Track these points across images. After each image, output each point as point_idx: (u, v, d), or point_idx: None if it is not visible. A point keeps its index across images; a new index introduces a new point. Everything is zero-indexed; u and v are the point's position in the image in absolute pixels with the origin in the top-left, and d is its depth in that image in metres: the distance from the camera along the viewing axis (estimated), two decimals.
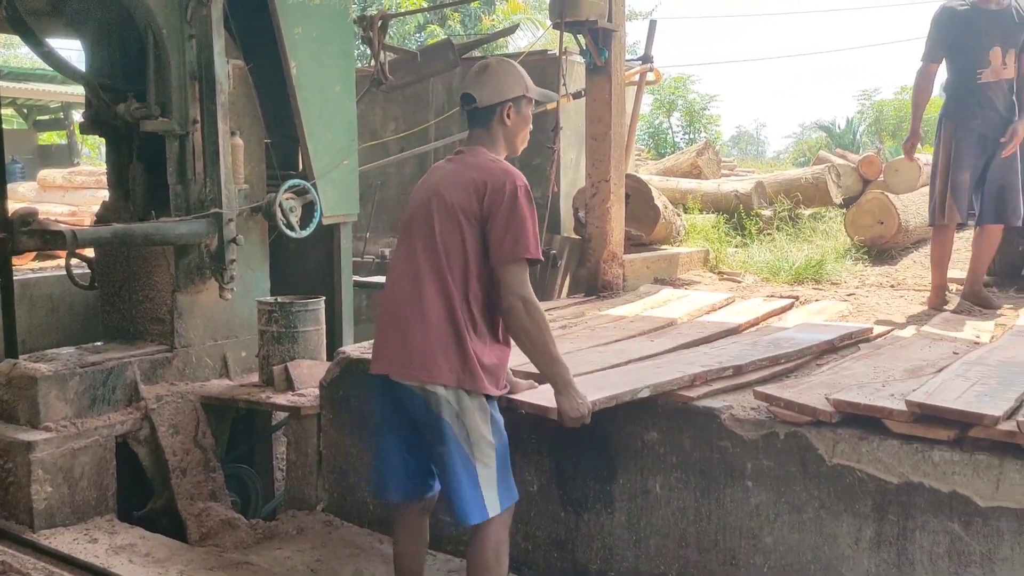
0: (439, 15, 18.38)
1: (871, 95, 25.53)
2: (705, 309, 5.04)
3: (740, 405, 3.14)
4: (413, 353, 2.63)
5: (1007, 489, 2.58)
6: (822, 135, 27.75)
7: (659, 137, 22.85)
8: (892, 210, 7.64)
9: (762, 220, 8.65)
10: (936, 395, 2.81)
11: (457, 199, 2.64)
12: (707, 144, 11.22)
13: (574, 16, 5.26)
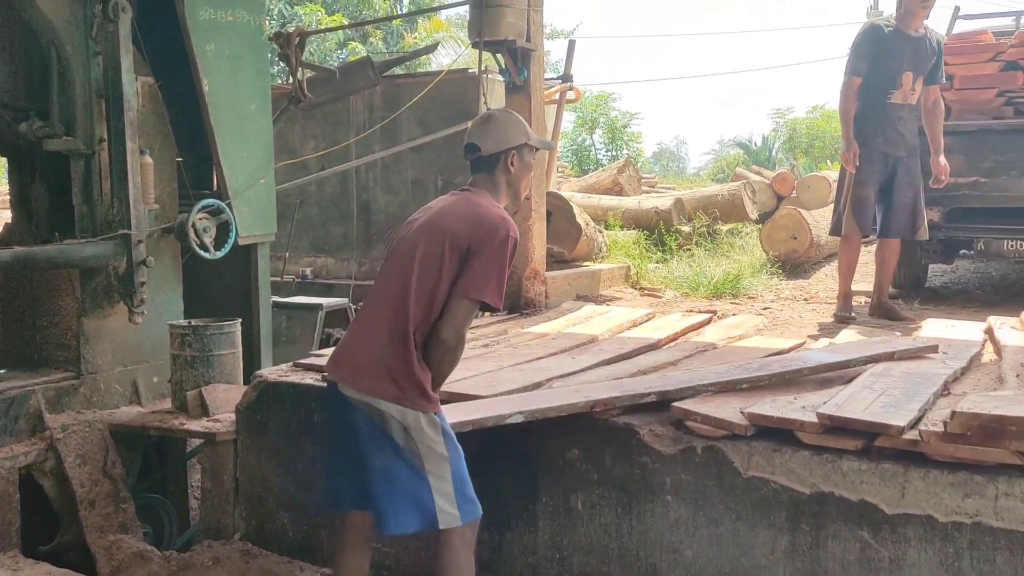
0: (361, 32, 18.28)
1: (785, 114, 26.33)
2: (626, 325, 5.10)
3: (659, 421, 3.17)
4: (363, 366, 2.70)
5: (912, 496, 2.66)
6: (740, 152, 28.47)
7: (582, 154, 23.11)
8: (804, 226, 7.89)
9: (682, 236, 8.82)
10: (845, 407, 2.89)
11: (450, 226, 2.71)
12: (628, 161, 11.40)
13: (493, 36, 5.29)
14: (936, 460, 2.66)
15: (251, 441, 3.99)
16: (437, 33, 17.33)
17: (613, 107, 23.67)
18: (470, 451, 3.38)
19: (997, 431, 2.57)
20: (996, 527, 2.55)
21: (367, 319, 2.81)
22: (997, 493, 2.56)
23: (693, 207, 9.33)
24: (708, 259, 8.17)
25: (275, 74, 13.32)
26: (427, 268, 2.69)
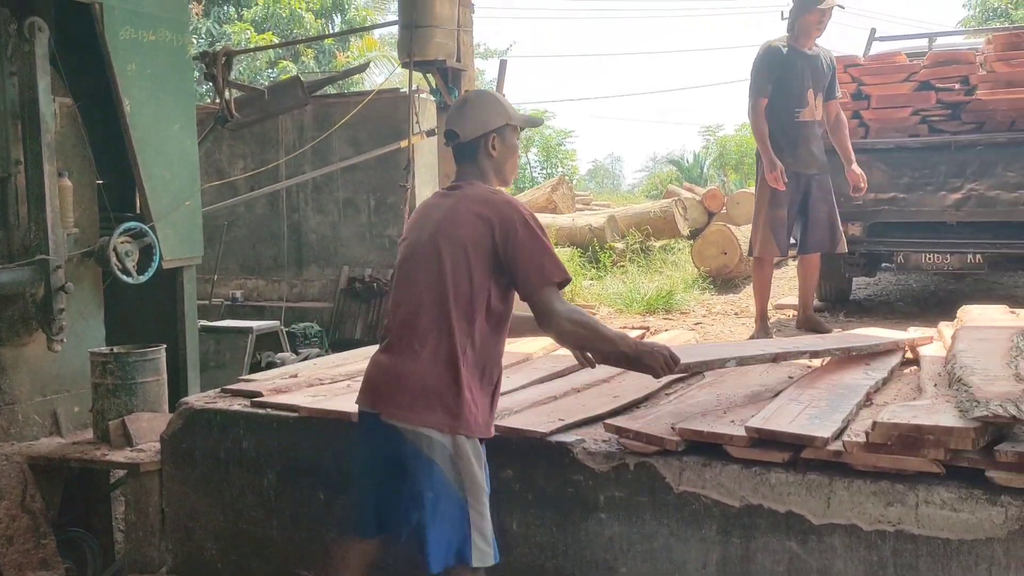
0: (292, 51, 18.11)
1: (715, 131, 26.92)
2: None
3: (592, 438, 3.18)
4: (407, 393, 2.55)
5: (837, 506, 2.71)
6: (673, 169, 28.98)
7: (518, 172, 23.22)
8: (734, 241, 8.05)
9: (615, 253, 8.93)
10: (772, 420, 2.94)
11: (467, 233, 2.55)
12: (561, 180, 11.51)
13: (423, 56, 5.30)
14: (859, 470, 2.72)
15: (177, 471, 3.87)
16: (370, 52, 17.29)
17: (548, 125, 23.89)
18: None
19: (916, 440, 2.64)
20: (917, 534, 2.61)
21: (402, 343, 2.60)
22: (917, 501, 2.62)
23: (626, 224, 9.46)
24: (641, 275, 8.29)
25: (203, 93, 13.10)
26: (459, 281, 2.53)
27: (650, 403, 3.63)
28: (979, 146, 5.67)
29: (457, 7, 5.41)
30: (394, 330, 2.64)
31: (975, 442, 2.56)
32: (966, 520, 2.56)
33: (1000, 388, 2.76)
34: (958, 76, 5.90)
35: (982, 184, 5.62)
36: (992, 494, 2.55)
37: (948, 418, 2.68)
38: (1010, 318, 4.44)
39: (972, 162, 5.67)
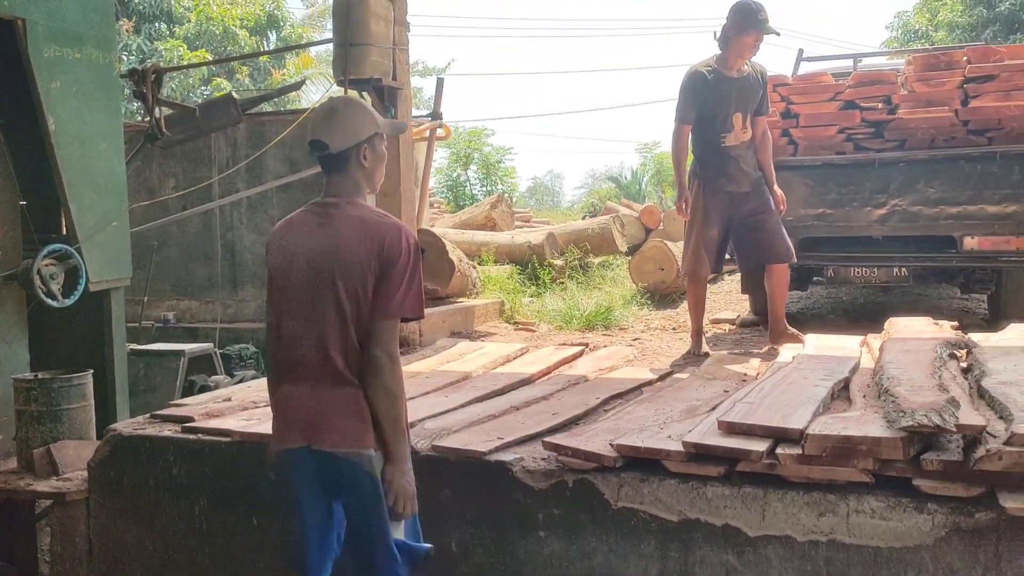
0: (226, 68, 17.86)
1: (652, 148, 27.33)
2: (500, 360, 5.11)
3: (531, 456, 3.18)
4: (343, 418, 2.51)
5: (772, 518, 2.75)
6: (612, 185, 29.33)
7: (458, 190, 23.25)
8: (671, 257, 8.15)
9: (555, 269, 8.96)
10: (708, 434, 2.97)
11: (359, 257, 2.51)
12: (500, 197, 11.53)
13: (358, 74, 5.26)
14: (793, 482, 2.77)
15: (105, 500, 3.75)
16: (307, 69, 17.15)
17: (487, 143, 23.97)
18: None
19: (847, 451, 2.70)
20: (849, 543, 2.67)
21: (317, 373, 2.53)
22: (848, 510, 2.68)
23: (565, 241, 9.52)
24: (581, 292, 8.33)
25: (134, 111, 12.83)
26: (356, 306, 2.51)
27: (589, 420, 3.65)
28: (901, 163, 5.86)
29: (392, 26, 5.39)
30: (301, 361, 2.55)
31: (904, 452, 2.63)
32: (895, 528, 2.62)
33: (925, 398, 2.84)
34: (881, 95, 6.09)
35: (905, 200, 5.80)
36: (919, 502, 2.62)
37: (877, 429, 2.75)
38: (934, 329, 4.58)
39: (895, 179, 5.85)
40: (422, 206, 7.47)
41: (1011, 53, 5.96)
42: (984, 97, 5.78)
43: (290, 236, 2.63)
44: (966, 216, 5.71)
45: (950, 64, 5.98)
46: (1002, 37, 18.79)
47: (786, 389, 3.45)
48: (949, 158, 5.73)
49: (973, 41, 17.77)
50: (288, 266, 2.59)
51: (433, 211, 15.18)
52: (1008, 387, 3.11)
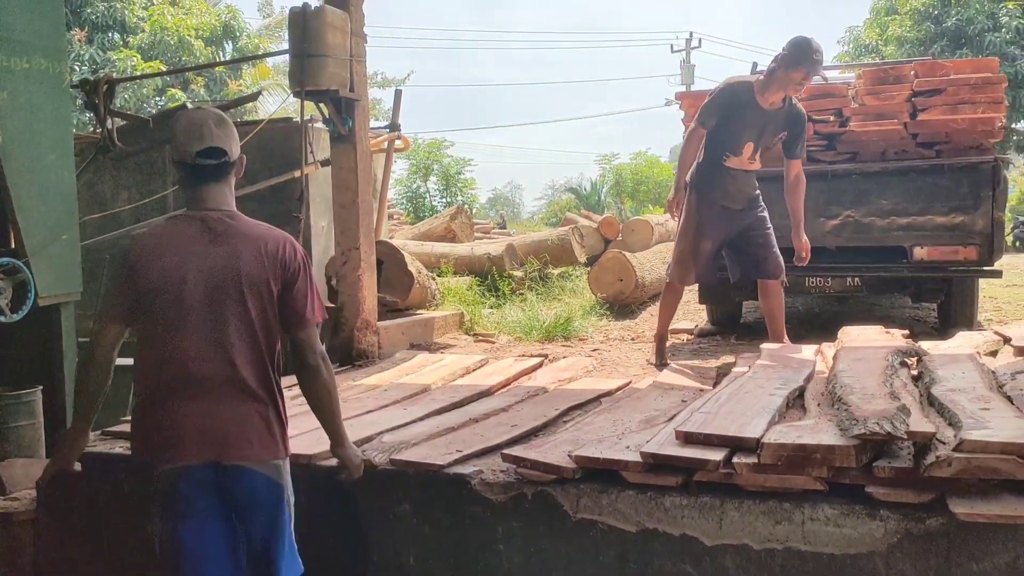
0: (182, 79, 17.63)
1: (611, 159, 27.55)
2: (460, 372, 5.09)
3: (490, 469, 3.17)
4: (254, 431, 2.50)
5: (729, 527, 2.77)
6: (571, 197, 29.49)
7: (417, 201, 23.21)
8: (630, 267, 8.21)
9: (515, 281, 8.97)
10: (666, 444, 2.99)
11: (261, 272, 2.51)
12: (459, 209, 11.52)
13: (315, 85, 5.22)
14: (749, 490, 2.79)
15: (53, 520, 3.65)
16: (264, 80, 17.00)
17: (446, 154, 23.99)
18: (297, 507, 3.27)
19: (801, 459, 2.73)
20: (804, 551, 2.70)
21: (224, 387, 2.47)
22: (803, 518, 2.70)
23: (525, 252, 9.54)
24: (540, 303, 8.35)
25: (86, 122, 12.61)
26: (262, 318, 2.50)
27: (548, 431, 3.65)
28: (854, 175, 5.98)
29: (349, 37, 5.36)
30: (201, 377, 2.47)
31: (857, 459, 2.67)
32: (848, 535, 2.66)
33: (876, 406, 2.88)
34: (833, 109, 6.21)
35: (857, 211, 5.91)
36: (872, 509, 2.65)
37: (831, 437, 2.79)
38: (886, 338, 4.67)
39: (848, 190, 5.97)
40: (380, 217, 7.43)
41: (956, 68, 6.11)
42: (932, 111, 5.92)
43: (171, 251, 2.50)
44: (916, 227, 5.84)
45: (899, 78, 6.11)
46: (949, 52, 19.27)
47: (742, 398, 3.48)
48: (899, 170, 5.86)
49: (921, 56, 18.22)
50: (178, 282, 2.47)
51: (393, 222, 15.12)
52: (956, 394, 3.17)
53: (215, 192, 2.55)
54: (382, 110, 21.85)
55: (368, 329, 5.70)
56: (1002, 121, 6.00)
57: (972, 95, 5.83)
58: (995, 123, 5.83)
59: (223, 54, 18.89)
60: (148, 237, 2.56)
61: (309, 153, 6.28)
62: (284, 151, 6.50)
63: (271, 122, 6.71)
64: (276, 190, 6.53)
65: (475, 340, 7.04)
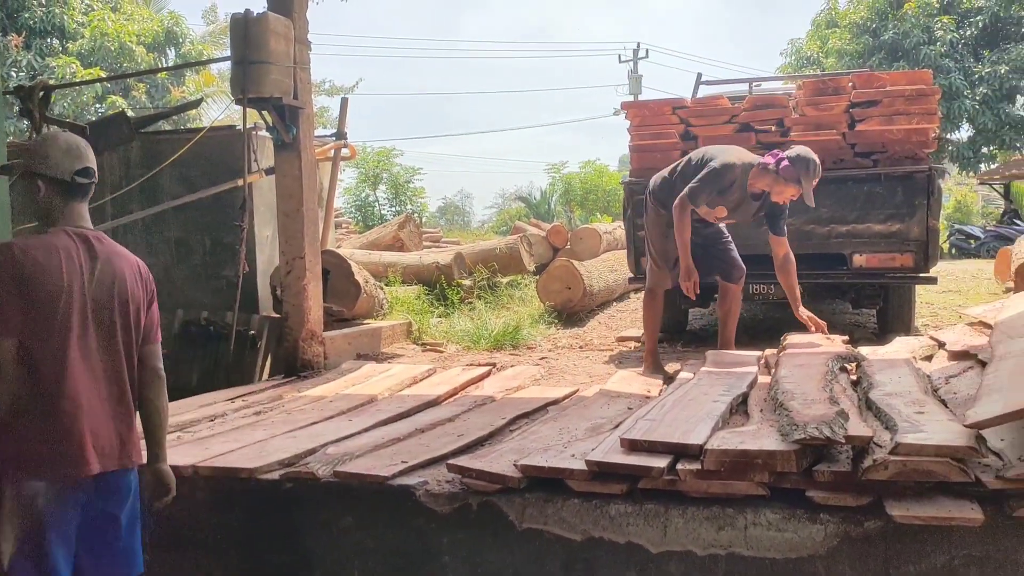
0: (122, 85, 17.25)
1: (560, 168, 27.70)
2: (407, 382, 5.06)
3: (435, 480, 3.14)
4: (128, 439, 2.63)
5: (673, 534, 2.79)
6: (522, 205, 29.58)
7: (366, 210, 23.06)
8: (578, 276, 8.25)
9: (463, 289, 8.95)
10: (611, 452, 2.99)
11: (135, 292, 2.67)
12: (408, 218, 11.48)
13: (258, 93, 5.15)
14: (693, 497, 2.81)
15: None
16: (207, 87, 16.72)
17: (395, 163, 23.89)
18: (235, 524, 3.21)
19: (744, 464, 2.76)
20: (747, 556, 2.72)
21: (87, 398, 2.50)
22: (746, 523, 2.73)
23: (473, 261, 9.52)
24: (489, 311, 8.34)
25: (23, 129, 12.25)
26: (136, 335, 2.67)
27: (494, 440, 3.63)
28: None
29: (293, 44, 5.30)
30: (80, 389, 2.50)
31: (798, 464, 2.70)
32: (790, 539, 2.69)
33: (816, 411, 2.93)
34: (774, 119, 6.33)
35: (799, 219, 6.01)
36: (812, 513, 2.69)
37: (772, 442, 2.82)
38: (826, 343, 4.76)
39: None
40: (327, 227, 7.35)
41: (892, 80, 6.27)
42: (869, 121, 6.06)
43: (58, 265, 2.50)
44: (855, 235, 5.97)
45: (837, 89, 6.25)
46: (887, 64, 19.79)
47: (687, 405, 3.51)
48: (838, 179, 5.98)
49: (860, 68, 18.69)
50: (64, 295, 2.49)
51: (341, 231, 14.98)
52: (893, 398, 3.24)
53: (84, 210, 2.68)
54: (330, 118, 21.67)
55: (313, 339, 5.63)
56: (936, 132, 6.16)
57: (907, 106, 5.98)
58: (929, 134, 5.99)
59: (166, 60, 18.54)
60: (37, 250, 2.50)
61: (253, 161, 6.19)
62: (227, 159, 6.40)
63: (213, 130, 6.60)
64: (218, 199, 6.42)
65: (423, 349, 7.00)
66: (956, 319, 7.32)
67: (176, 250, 6.72)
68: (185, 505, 3.26)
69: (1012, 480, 2.54)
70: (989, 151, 20.93)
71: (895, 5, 20.89)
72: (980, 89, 19.49)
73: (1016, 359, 3.07)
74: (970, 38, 20.26)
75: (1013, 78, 19.41)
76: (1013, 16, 20.08)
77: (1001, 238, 16.40)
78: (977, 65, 19.73)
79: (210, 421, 4.24)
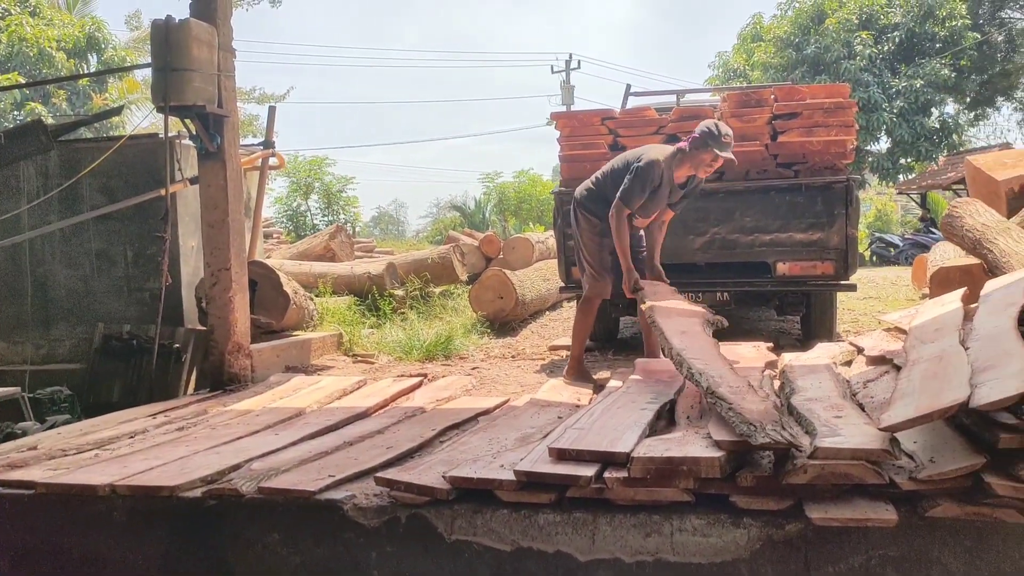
0: (42, 92, 16.69)
1: (494, 178, 27.75)
2: (336, 394, 4.99)
3: (363, 493, 3.10)
4: None
5: (602, 542, 2.80)
6: (456, 215, 29.52)
7: (298, 220, 22.72)
8: (510, 285, 8.26)
9: (396, 300, 8.88)
10: (540, 462, 3.00)
11: None
12: (339, 228, 11.35)
13: (180, 100, 5.03)
14: (621, 505, 2.83)
15: None
16: (131, 94, 16.29)
17: (328, 172, 23.60)
18: (156, 544, 3.12)
19: (669, 471, 2.79)
20: (673, 561, 2.75)
21: None
22: (672, 529, 2.76)
23: (406, 271, 9.46)
24: (422, 322, 8.29)
25: None
26: None
27: (424, 452, 3.61)
28: (720, 194, 6.20)
29: (217, 52, 5.20)
30: None
31: (722, 470, 2.75)
32: (714, 544, 2.73)
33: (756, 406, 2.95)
34: None
35: (724, 228, 6.15)
36: (736, 517, 2.74)
37: (697, 449, 2.86)
38: (753, 352, 4.88)
39: (715, 209, 6.19)
40: (255, 237, 7.23)
41: (812, 93, 6.45)
42: (790, 133, 6.22)
43: None
44: (778, 243, 6.11)
45: (760, 102, 6.40)
46: (809, 78, 20.39)
47: (615, 413, 3.54)
48: (761, 189, 6.13)
49: (784, 81, 19.22)
50: None
51: (272, 241, 14.73)
52: (813, 403, 3.33)
53: None
54: (261, 127, 21.31)
55: (240, 352, 5.51)
56: (854, 143, 6.36)
57: (825, 119, 6.16)
58: (847, 145, 6.17)
59: (87, 67, 18.01)
60: None
61: (176, 171, 6.05)
62: (149, 168, 6.24)
63: (134, 138, 6.43)
64: (141, 209, 6.25)
65: (354, 361, 6.92)
66: (876, 325, 7.56)
67: (97, 262, 6.52)
68: (103, 525, 3.17)
69: (924, 481, 2.62)
70: (907, 162, 21.71)
71: (817, 20, 21.55)
72: (897, 102, 20.23)
73: (927, 364, 3.18)
74: (887, 53, 21.02)
75: (928, 92, 20.20)
76: (927, 32, 20.90)
77: (919, 246, 17.02)
78: (894, 79, 20.48)
79: (130, 438, 4.12)
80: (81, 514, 3.20)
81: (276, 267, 7.27)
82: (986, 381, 2.70)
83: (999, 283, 4.19)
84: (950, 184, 18.76)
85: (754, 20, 23.91)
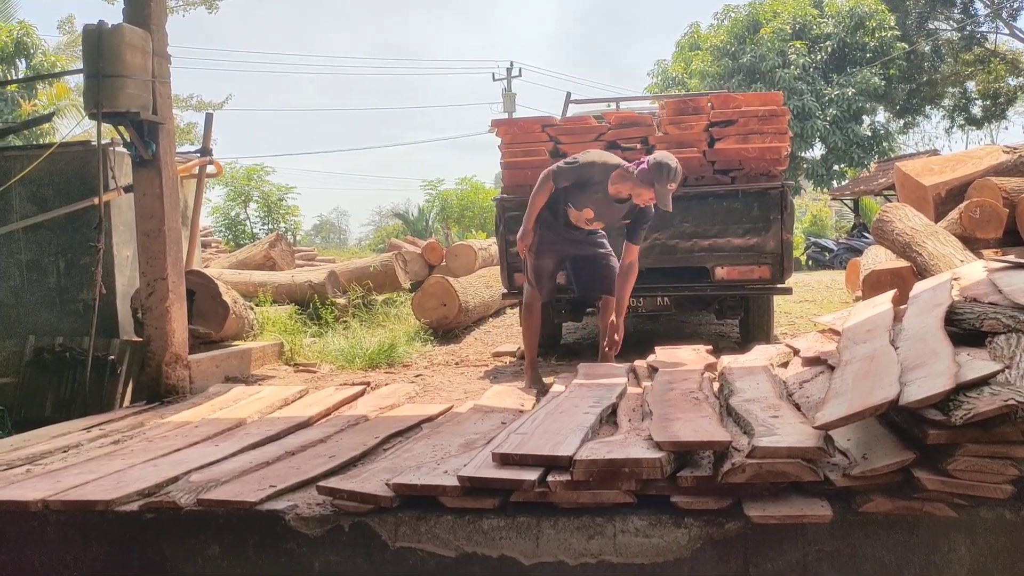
0: None
1: (437, 185, 27.70)
2: (278, 404, 4.93)
3: (305, 503, 3.07)
4: None
5: (545, 545, 2.82)
6: (399, 222, 29.39)
7: (237, 228, 22.37)
8: (453, 292, 8.25)
9: (338, 308, 8.80)
10: (483, 467, 3.00)
11: None
12: (279, 236, 11.21)
13: (113, 107, 4.92)
14: (564, 508, 2.85)
15: None
16: (61, 100, 15.83)
17: (267, 180, 23.29)
18: (91, 560, 3.04)
19: (612, 474, 2.82)
20: (616, 563, 2.78)
21: None
22: (615, 531, 2.79)
23: (348, 279, 9.39)
24: (364, 330, 8.24)
25: None
26: None
27: (367, 460, 3.59)
28: None
29: (151, 58, 5.10)
30: None
31: (663, 471, 2.79)
32: (657, 544, 2.77)
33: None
34: (639, 137, 6.53)
35: (664, 234, 6.24)
36: (677, 517, 2.78)
37: (639, 451, 2.90)
38: (693, 354, 4.96)
39: (654, 214, 6.27)
40: (192, 246, 7.09)
41: (747, 101, 6.59)
42: (726, 140, 6.35)
43: None
44: (716, 248, 6.23)
45: (697, 109, 6.52)
46: (745, 86, 20.86)
47: (558, 418, 3.56)
48: (699, 195, 6.24)
49: (721, 89, 19.60)
50: None
51: (211, 251, 14.48)
52: (751, 404, 3.40)
53: None
54: (199, 134, 20.92)
55: (178, 363, 5.41)
56: (787, 150, 6.51)
57: (760, 126, 6.30)
58: (781, 152, 6.32)
59: (15, 72, 17.47)
60: None
61: (110, 179, 5.91)
62: (82, 176, 6.09)
63: (65, 145, 6.26)
64: (74, 218, 6.10)
65: (296, 370, 6.83)
66: (811, 327, 7.75)
67: (27, 272, 6.33)
68: (35, 542, 3.08)
69: (857, 478, 2.70)
70: (840, 168, 22.34)
71: (752, 30, 22.05)
72: (830, 110, 20.80)
73: (859, 363, 3.28)
74: (820, 62, 21.60)
75: (859, 100, 20.81)
76: (858, 42, 21.52)
77: (852, 250, 17.49)
78: (827, 88, 21.04)
79: (63, 452, 4.01)
80: (12, 531, 3.10)
81: (215, 276, 7.15)
82: (915, 379, 2.79)
83: (927, 285, 4.33)
84: (881, 190, 19.35)
85: (692, 29, 24.36)
